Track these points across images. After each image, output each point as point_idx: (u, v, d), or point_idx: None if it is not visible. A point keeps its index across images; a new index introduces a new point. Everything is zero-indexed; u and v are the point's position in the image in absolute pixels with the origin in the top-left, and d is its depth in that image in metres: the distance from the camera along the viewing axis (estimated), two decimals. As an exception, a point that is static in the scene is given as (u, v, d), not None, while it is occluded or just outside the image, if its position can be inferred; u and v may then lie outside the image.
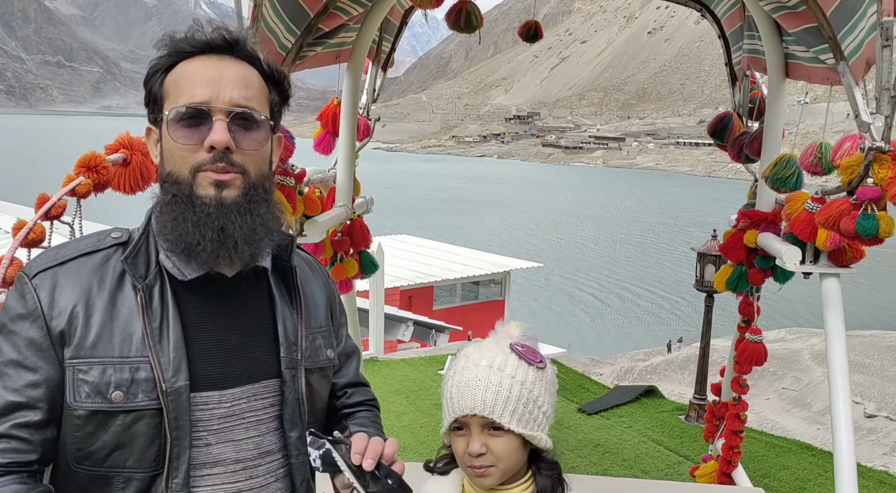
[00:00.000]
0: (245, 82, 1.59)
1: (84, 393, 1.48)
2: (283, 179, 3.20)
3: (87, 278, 1.54)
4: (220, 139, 1.52)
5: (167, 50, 1.61)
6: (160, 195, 1.59)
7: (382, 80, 4.81)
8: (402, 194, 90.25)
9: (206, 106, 1.53)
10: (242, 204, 1.55)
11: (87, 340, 1.50)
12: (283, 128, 3.02)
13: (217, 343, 1.59)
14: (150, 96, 1.61)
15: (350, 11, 3.44)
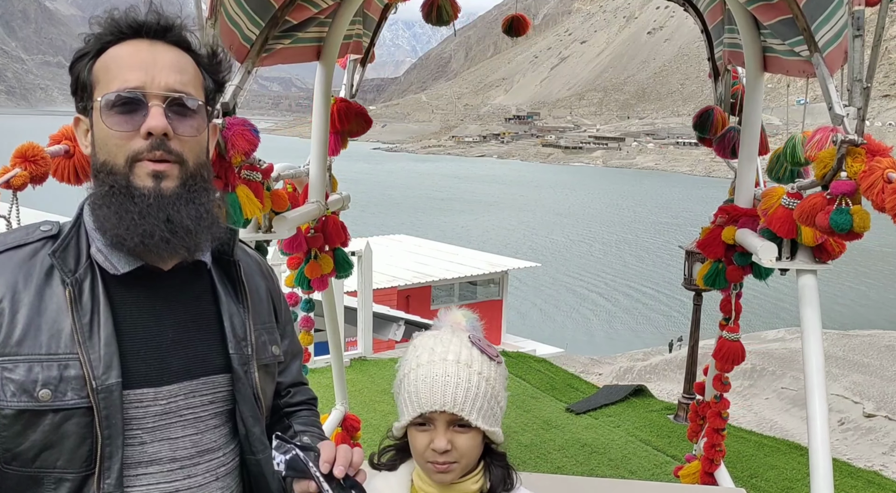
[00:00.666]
0: (179, 67, 1.54)
1: (10, 392, 1.42)
2: (249, 173, 3.14)
3: (13, 273, 1.48)
4: (158, 125, 1.46)
5: (95, 35, 1.55)
6: (95, 187, 1.52)
7: (361, 75, 4.74)
8: (401, 194, 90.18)
9: (141, 91, 1.48)
10: (182, 194, 1.50)
11: (13, 337, 1.44)
12: (247, 120, 2.98)
13: (152, 339, 1.53)
14: (78, 83, 1.55)
15: (319, 4, 3.38)
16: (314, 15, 3.46)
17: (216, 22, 2.67)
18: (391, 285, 20.98)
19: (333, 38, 3.74)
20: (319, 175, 3.77)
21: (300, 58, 3.66)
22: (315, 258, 3.85)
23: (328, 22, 3.71)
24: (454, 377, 1.82)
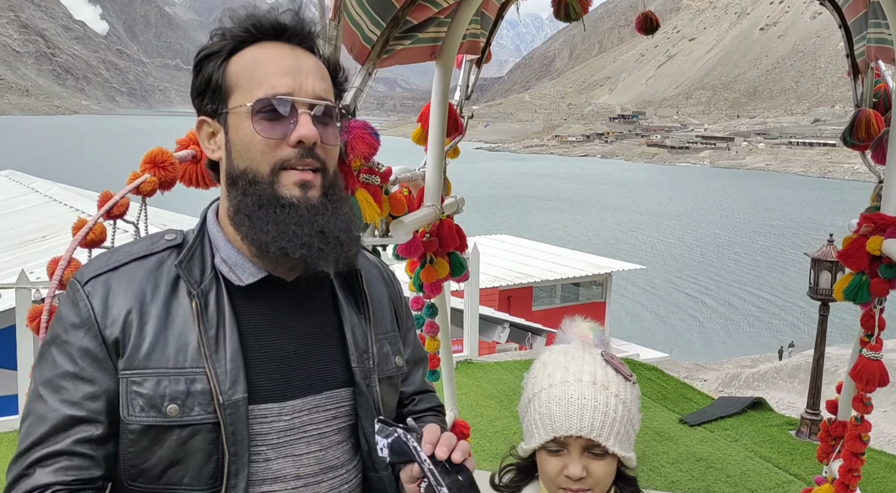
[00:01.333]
0: (321, 74, 1.50)
1: (138, 406, 1.39)
2: (368, 177, 3.08)
3: (141, 283, 1.44)
4: (310, 134, 1.42)
5: (230, 31, 1.49)
6: (235, 196, 1.46)
7: (477, 76, 4.65)
8: (503, 193, 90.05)
9: (291, 98, 1.42)
10: (326, 204, 1.46)
11: (141, 350, 1.40)
12: (367, 124, 2.92)
13: (275, 352, 1.49)
14: (209, 84, 1.48)
15: (440, 3, 3.30)
16: (434, 14, 3.38)
17: (339, 23, 2.62)
18: (493, 286, 20.89)
19: (452, 37, 3.66)
20: (435, 179, 3.70)
21: (417, 58, 3.59)
22: (431, 263, 3.79)
23: (447, 21, 3.63)
24: (591, 400, 1.72)
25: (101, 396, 1.39)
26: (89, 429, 1.38)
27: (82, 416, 1.38)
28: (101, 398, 1.39)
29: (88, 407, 1.38)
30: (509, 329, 10.61)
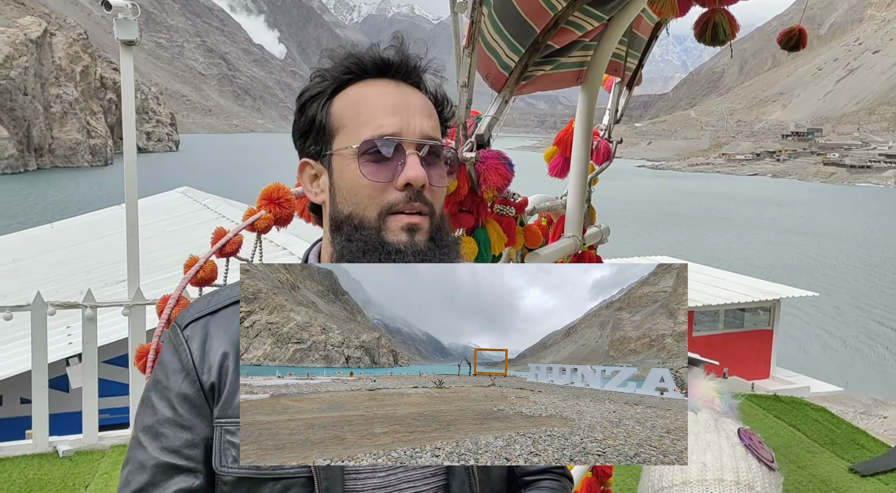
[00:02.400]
0: (429, 112, 1.40)
1: (231, 457, 1.32)
2: (502, 208, 2.97)
3: (237, 328, 1.39)
4: (418, 176, 1.33)
5: (331, 71, 1.42)
6: (339, 242, 1.39)
7: (627, 99, 4.45)
8: (664, 213, 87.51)
9: (398, 139, 1.33)
10: (434, 250, 1.37)
11: (236, 397, 1.34)
12: (502, 154, 2.81)
13: None
14: (313, 125, 1.40)
15: (584, 26, 3.15)
16: (578, 38, 3.24)
17: (473, 51, 2.52)
18: (659, 310, 20.20)
19: (599, 61, 3.49)
20: (577, 208, 3.53)
21: (559, 84, 3.44)
22: (569, 297, 3.62)
23: (592, 45, 3.47)
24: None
25: (199, 444, 1.35)
26: (188, 479, 1.34)
27: (182, 465, 1.34)
28: (199, 447, 1.35)
29: (187, 455, 1.34)
30: (664, 358, 10.13)
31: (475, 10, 2.46)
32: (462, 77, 2.56)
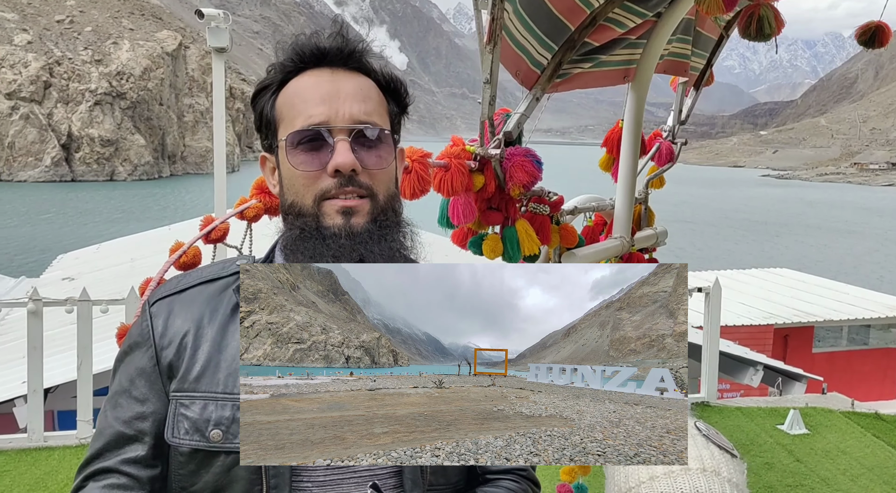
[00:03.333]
0: (363, 95, 1.42)
1: (183, 429, 1.38)
2: (536, 206, 2.95)
3: (201, 307, 1.45)
4: (346, 161, 1.35)
5: (277, 65, 1.46)
6: (285, 229, 1.44)
7: (694, 99, 4.33)
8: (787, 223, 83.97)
9: (326, 126, 1.37)
10: (374, 230, 1.38)
11: (192, 372, 1.40)
12: (530, 151, 2.79)
13: None
14: (262, 120, 1.46)
15: (625, 23, 3.09)
16: (622, 36, 3.18)
17: (496, 47, 2.52)
18: (767, 322, 19.41)
19: (648, 60, 3.41)
20: (625, 209, 3.46)
21: (602, 82, 3.38)
22: (612, 299, 3.55)
23: (640, 43, 3.40)
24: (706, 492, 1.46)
25: (149, 417, 1.40)
26: (136, 449, 1.40)
27: (131, 434, 1.40)
28: (149, 419, 1.40)
29: (137, 427, 1.40)
30: (763, 372, 9.74)
31: (496, 6, 2.46)
32: (485, 74, 2.57)
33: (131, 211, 72.91)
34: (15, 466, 5.92)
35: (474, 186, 2.71)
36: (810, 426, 7.25)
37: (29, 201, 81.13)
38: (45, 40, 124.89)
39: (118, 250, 18.59)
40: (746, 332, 18.41)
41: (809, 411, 7.70)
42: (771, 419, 7.45)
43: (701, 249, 61.22)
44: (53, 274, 15.59)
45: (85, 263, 16.64)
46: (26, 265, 36.91)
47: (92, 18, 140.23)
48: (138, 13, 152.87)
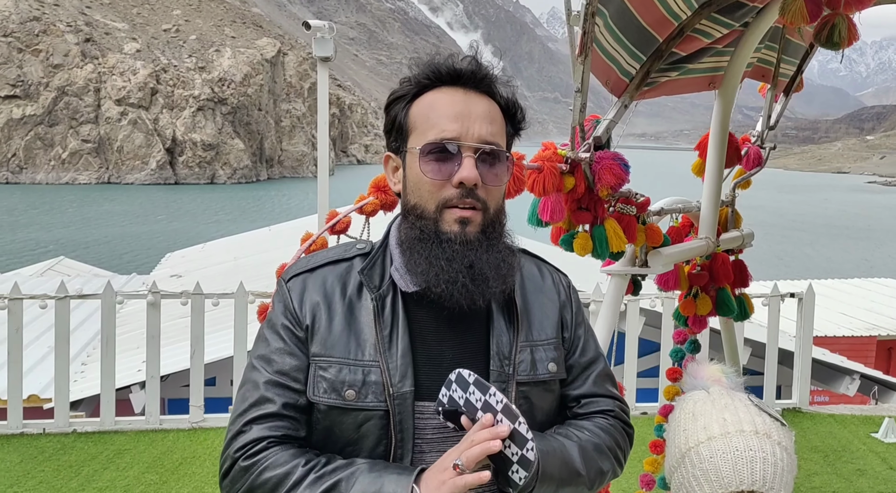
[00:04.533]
0: (490, 118, 1.64)
1: (322, 389, 1.61)
2: (623, 207, 3.15)
3: (331, 284, 1.69)
4: (470, 176, 1.58)
5: (413, 78, 1.68)
6: (405, 227, 1.67)
7: (784, 105, 4.42)
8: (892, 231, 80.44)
9: (457, 143, 1.59)
10: (483, 240, 1.60)
11: (328, 340, 1.63)
12: (618, 155, 3.00)
13: (435, 357, 1.64)
14: (395, 125, 1.69)
15: (712, 34, 3.25)
16: (708, 45, 3.34)
17: (587, 58, 2.73)
18: (870, 334, 18.79)
19: (735, 68, 3.56)
20: (710, 211, 3.61)
21: (688, 89, 3.55)
22: (695, 297, 3.70)
23: (727, 51, 3.55)
24: (759, 452, 1.64)
25: (303, 369, 1.64)
26: (293, 396, 1.62)
27: (288, 384, 1.63)
28: (302, 372, 1.63)
29: (294, 376, 1.63)
30: (860, 381, 9.57)
31: (587, 21, 2.68)
32: (576, 83, 2.78)
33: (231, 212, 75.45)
34: (134, 445, 6.42)
35: (565, 187, 2.93)
36: (906, 435, 7.13)
37: (136, 203, 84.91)
38: (153, 48, 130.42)
39: (222, 249, 19.45)
40: (847, 343, 17.86)
41: (906, 420, 7.58)
42: (865, 427, 7.36)
43: (798, 257, 59.33)
44: (163, 271, 16.47)
45: (191, 261, 17.50)
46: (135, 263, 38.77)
47: (196, 27, 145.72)
48: (240, 21, 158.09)
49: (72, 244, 51.27)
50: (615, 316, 3.25)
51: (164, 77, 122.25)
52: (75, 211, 76.24)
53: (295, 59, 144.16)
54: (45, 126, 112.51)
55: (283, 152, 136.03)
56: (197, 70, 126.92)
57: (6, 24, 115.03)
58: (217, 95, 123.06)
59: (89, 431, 6.66)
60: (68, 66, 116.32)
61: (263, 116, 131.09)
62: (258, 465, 1.56)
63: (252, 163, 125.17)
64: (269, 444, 1.58)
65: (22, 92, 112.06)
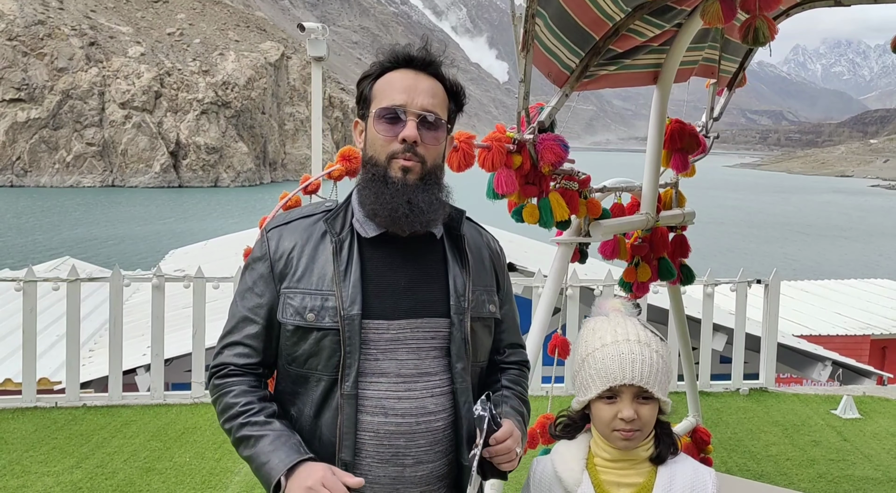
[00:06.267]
0: (432, 92, 2.12)
1: (289, 313, 2.08)
2: (567, 183, 3.62)
3: (301, 233, 2.15)
4: (411, 134, 2.05)
5: (379, 62, 2.17)
6: (362, 174, 2.15)
7: (727, 99, 4.90)
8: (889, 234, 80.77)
9: (403, 109, 2.07)
10: (420, 184, 2.07)
11: (295, 276, 2.10)
12: (559, 137, 3.48)
13: (388, 286, 2.09)
14: (361, 96, 2.18)
15: (645, 33, 3.72)
16: (643, 43, 3.82)
17: (528, 53, 3.21)
18: (864, 333, 19.18)
19: (670, 65, 4.03)
20: (650, 190, 4.08)
21: (630, 82, 4.03)
22: (636, 265, 4.17)
23: (665, 49, 4.03)
24: (639, 355, 2.11)
25: (264, 306, 2.12)
26: (254, 328, 2.12)
27: (252, 318, 2.12)
28: (263, 308, 2.12)
29: (256, 313, 2.12)
30: (831, 367, 10.02)
31: (528, 20, 3.16)
32: (520, 74, 3.27)
33: (234, 214, 76.02)
34: (140, 417, 6.91)
35: (513, 164, 3.41)
36: (863, 412, 7.60)
37: (140, 205, 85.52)
38: (157, 52, 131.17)
39: (223, 246, 19.96)
40: (841, 342, 18.22)
41: (866, 399, 8.04)
42: (826, 405, 7.82)
43: (798, 258, 59.74)
44: (166, 266, 16.95)
45: (193, 257, 17.96)
46: (141, 260, 39.37)
47: (200, 31, 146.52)
48: (243, 25, 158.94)
49: (77, 246, 51.88)
50: (560, 280, 3.72)
51: (169, 81, 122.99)
52: (80, 214, 76.92)
53: (298, 62, 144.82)
54: (49, 129, 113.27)
55: (286, 156, 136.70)
56: (201, 74, 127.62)
57: (11, 28, 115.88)
58: (221, 99, 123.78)
59: (98, 405, 7.17)
60: (73, 69, 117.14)
61: (267, 120, 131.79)
62: (222, 388, 2.10)
63: (255, 166, 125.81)
64: (231, 371, 2.11)
65: (27, 95, 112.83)
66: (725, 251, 59.05)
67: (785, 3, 4.13)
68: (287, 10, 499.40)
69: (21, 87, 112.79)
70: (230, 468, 5.85)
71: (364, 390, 2.04)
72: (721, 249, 60.02)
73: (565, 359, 3.74)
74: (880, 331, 19.41)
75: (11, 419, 6.81)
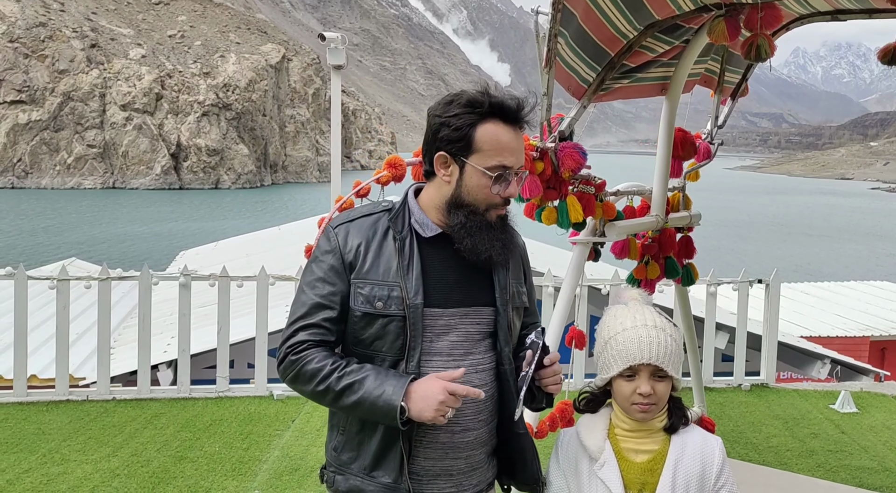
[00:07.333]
0: (522, 149, 2.41)
1: (360, 301, 2.37)
2: (584, 187, 3.95)
3: (367, 230, 2.44)
4: (515, 193, 2.39)
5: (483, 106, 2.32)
6: (458, 216, 2.36)
7: (731, 108, 5.22)
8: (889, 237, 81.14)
9: (512, 171, 2.37)
10: (505, 227, 2.44)
11: (364, 268, 2.38)
12: (578, 144, 3.81)
13: (443, 279, 2.40)
14: (460, 136, 2.31)
15: (655, 49, 4.05)
16: (654, 58, 4.14)
17: (551, 69, 3.54)
18: (863, 334, 19.47)
19: (678, 77, 4.35)
20: (660, 193, 4.41)
21: (641, 94, 4.35)
22: (646, 264, 4.50)
23: (673, 63, 4.35)
24: (656, 339, 2.43)
25: (337, 294, 2.40)
26: (329, 313, 2.39)
27: (326, 304, 2.40)
28: (337, 295, 2.40)
29: (330, 299, 2.40)
30: (830, 365, 10.35)
31: (551, 40, 3.48)
32: (543, 88, 3.59)
33: (235, 216, 76.32)
34: (168, 410, 7.23)
35: (536, 170, 3.74)
36: (861, 406, 7.91)
37: (141, 207, 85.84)
38: (158, 54, 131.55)
39: (234, 247, 20.28)
40: (841, 343, 18.51)
41: (863, 394, 8.36)
42: (825, 400, 8.13)
43: (799, 260, 60.05)
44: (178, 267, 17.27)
45: (204, 258, 18.30)
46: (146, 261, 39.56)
47: (201, 33, 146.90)
48: (244, 27, 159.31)
49: (81, 247, 52.18)
50: (578, 276, 4.05)
51: (169, 82, 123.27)
52: (83, 215, 77.22)
53: (299, 64, 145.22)
54: (50, 131, 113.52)
55: (287, 157, 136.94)
56: (202, 76, 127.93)
57: (12, 30, 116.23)
58: (222, 101, 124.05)
59: (127, 398, 7.49)
60: (74, 71, 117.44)
61: (268, 122, 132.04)
62: (301, 360, 2.33)
63: (256, 168, 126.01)
64: (309, 346, 2.32)
65: (28, 97, 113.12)
66: (727, 252, 59.39)
67: (784, 19, 4.45)
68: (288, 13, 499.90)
69: (22, 89, 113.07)
70: (258, 456, 6.16)
71: (422, 367, 2.35)
72: (723, 250, 60.36)
73: (582, 350, 4.06)
74: (880, 332, 19.68)
75: (46, 411, 7.13)
